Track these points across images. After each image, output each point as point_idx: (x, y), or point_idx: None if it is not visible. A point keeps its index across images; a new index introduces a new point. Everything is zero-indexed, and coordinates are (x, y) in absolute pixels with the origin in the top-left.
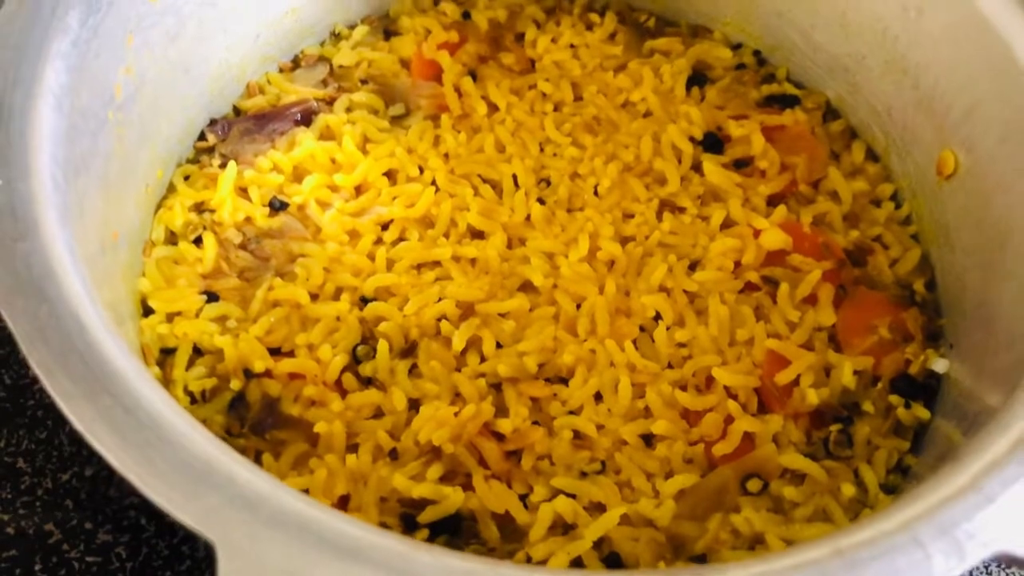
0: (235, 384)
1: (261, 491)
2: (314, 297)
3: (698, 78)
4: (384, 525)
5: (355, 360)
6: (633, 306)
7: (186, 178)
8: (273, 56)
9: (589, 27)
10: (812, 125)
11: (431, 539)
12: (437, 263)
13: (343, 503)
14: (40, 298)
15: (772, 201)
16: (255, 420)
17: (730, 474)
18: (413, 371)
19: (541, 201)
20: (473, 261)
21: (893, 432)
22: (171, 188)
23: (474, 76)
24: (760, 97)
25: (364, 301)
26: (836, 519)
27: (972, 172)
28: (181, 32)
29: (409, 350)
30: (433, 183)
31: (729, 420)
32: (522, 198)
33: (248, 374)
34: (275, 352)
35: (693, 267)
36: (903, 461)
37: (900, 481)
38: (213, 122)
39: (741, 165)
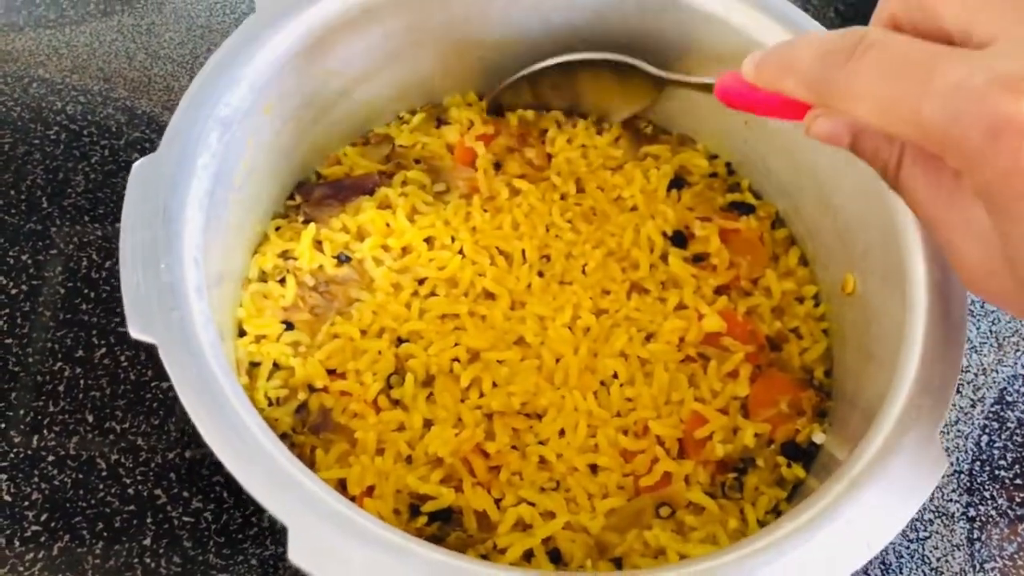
0: (301, 395)
1: (320, 496)
2: (363, 334)
3: (678, 181)
4: (396, 510)
5: (388, 386)
6: (598, 366)
7: (277, 229)
8: (349, 135)
9: (599, 131)
10: (761, 232)
11: (428, 524)
12: (456, 316)
13: (370, 491)
14: (187, 350)
15: (718, 291)
16: (313, 423)
17: (648, 501)
18: (429, 398)
19: (541, 274)
20: (484, 317)
21: (775, 484)
22: (265, 237)
23: (498, 165)
24: (724, 203)
25: (399, 341)
26: (721, 543)
27: (863, 297)
28: (284, 128)
29: (428, 382)
30: (461, 251)
31: (655, 461)
32: (527, 270)
33: (311, 388)
34: (332, 373)
35: (649, 339)
36: (778, 506)
37: (773, 521)
38: (300, 184)
39: (698, 259)
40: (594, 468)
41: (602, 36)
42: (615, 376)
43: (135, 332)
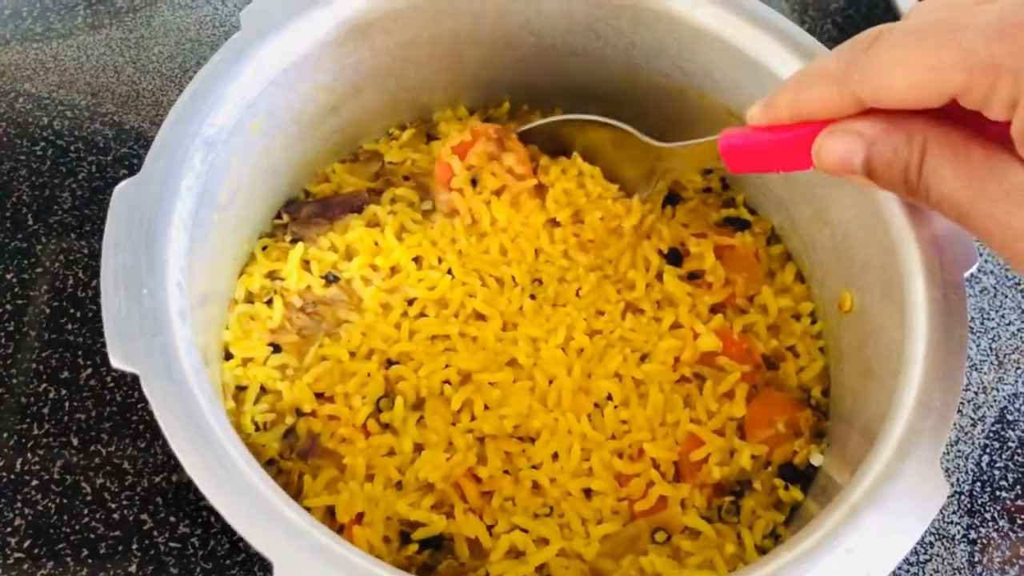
0: (289, 419)
1: (304, 528)
2: (352, 355)
3: (672, 198)
4: (386, 538)
5: (378, 409)
6: (592, 387)
7: (264, 248)
8: (338, 151)
9: None
10: (757, 248)
11: (419, 552)
12: (447, 337)
13: (359, 519)
14: (169, 379)
15: (714, 309)
16: (301, 449)
17: (644, 526)
18: (420, 422)
19: (532, 296)
20: (475, 339)
21: (773, 507)
22: (252, 257)
23: (475, 181)
24: (719, 218)
25: (389, 363)
26: (718, 569)
27: (861, 314)
28: (271, 145)
29: (418, 405)
30: (449, 272)
31: (650, 484)
32: (518, 293)
33: (299, 412)
34: (320, 397)
35: (643, 359)
36: (776, 530)
37: (772, 545)
38: (288, 202)
39: (693, 277)
40: (588, 492)
41: (596, 52)
42: (609, 398)
43: (116, 361)
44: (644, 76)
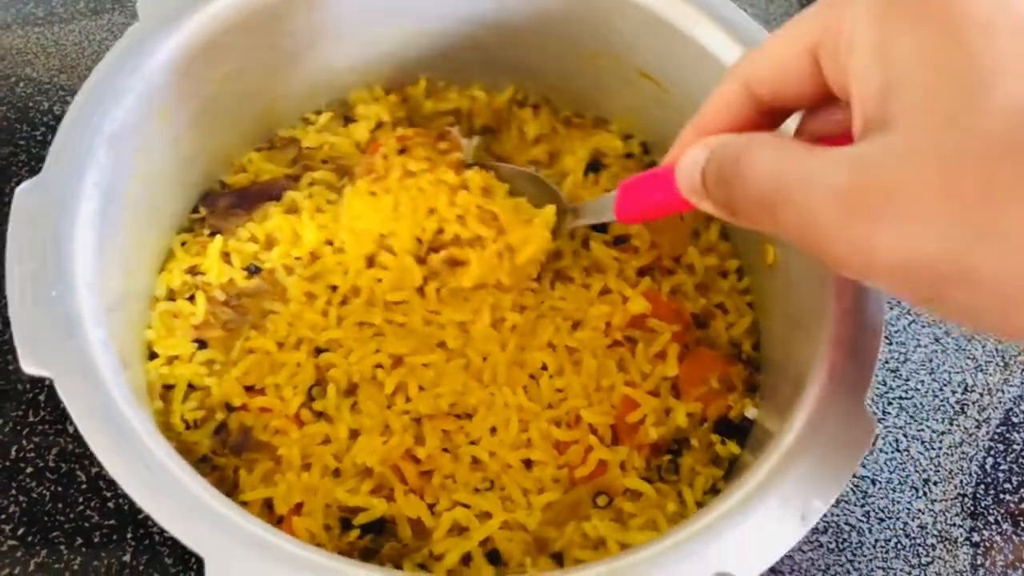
0: (219, 415)
1: (236, 522)
2: (280, 346)
3: (594, 165)
4: (327, 525)
5: (310, 398)
6: (526, 359)
7: (183, 244)
8: (253, 139)
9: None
10: None
11: (361, 537)
12: (374, 323)
13: (298, 509)
14: (85, 380)
15: (641, 272)
16: (234, 443)
17: (585, 492)
18: (354, 408)
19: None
20: (402, 325)
21: (711, 462)
22: (171, 254)
23: (404, 150)
24: None
25: (318, 351)
26: (661, 528)
27: (784, 267)
28: (180, 137)
29: (351, 391)
30: (335, 244)
31: (589, 450)
32: (414, 269)
33: (229, 407)
34: (250, 390)
35: (576, 327)
36: (716, 485)
37: (712, 501)
38: (205, 196)
39: (619, 242)
40: (528, 463)
41: (506, 22)
42: (544, 368)
43: (28, 367)
44: (557, 44)
